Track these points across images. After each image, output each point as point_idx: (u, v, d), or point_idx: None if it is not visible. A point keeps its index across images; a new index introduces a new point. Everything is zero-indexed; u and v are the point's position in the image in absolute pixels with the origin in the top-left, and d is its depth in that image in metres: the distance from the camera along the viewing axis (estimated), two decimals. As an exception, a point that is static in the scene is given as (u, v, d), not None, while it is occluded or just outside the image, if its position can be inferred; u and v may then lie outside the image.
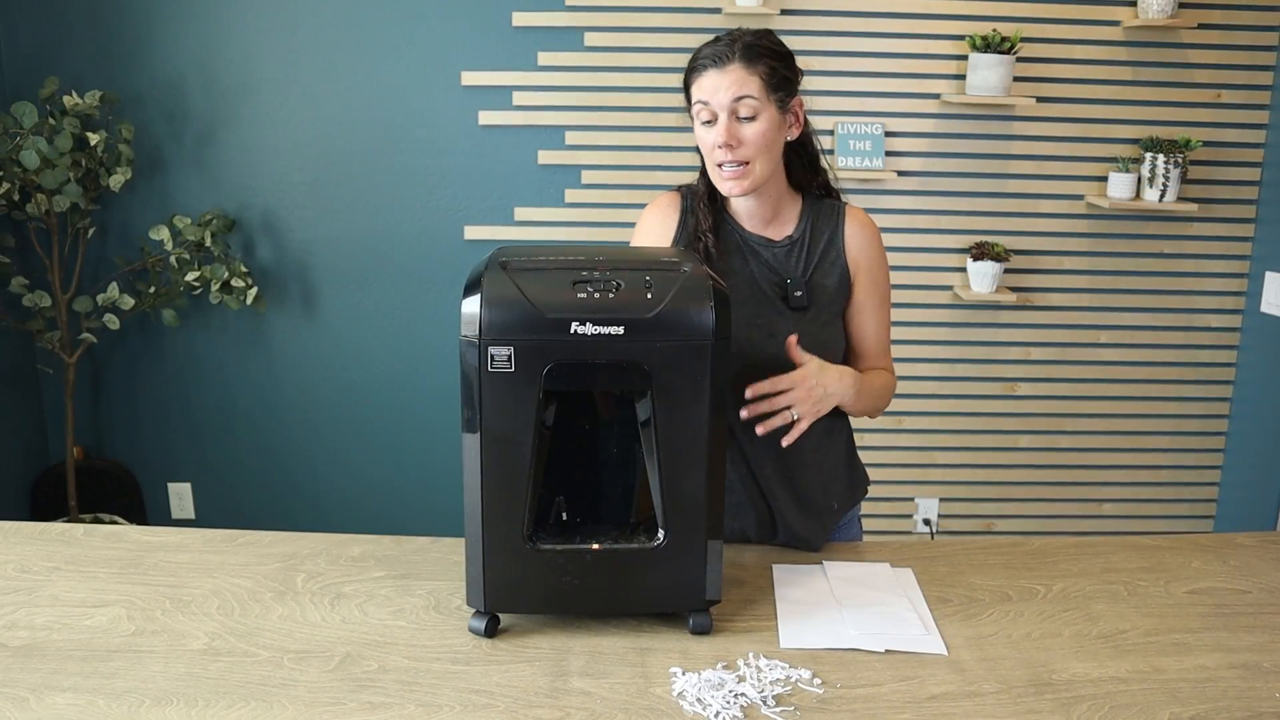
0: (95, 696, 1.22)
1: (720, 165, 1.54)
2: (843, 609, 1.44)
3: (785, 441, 1.50)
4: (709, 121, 1.54)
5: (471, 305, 1.26)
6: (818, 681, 1.27)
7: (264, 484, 3.47)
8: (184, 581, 1.51)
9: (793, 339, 1.50)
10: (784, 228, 1.65)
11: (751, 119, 1.51)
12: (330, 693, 1.24)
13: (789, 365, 1.52)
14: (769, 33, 1.57)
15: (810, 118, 1.64)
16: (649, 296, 1.27)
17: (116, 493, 3.40)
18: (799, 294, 1.57)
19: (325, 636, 1.37)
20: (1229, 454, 3.44)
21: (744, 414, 1.48)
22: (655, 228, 1.69)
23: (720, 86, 1.51)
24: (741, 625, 1.41)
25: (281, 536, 1.66)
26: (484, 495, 1.31)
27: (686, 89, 1.58)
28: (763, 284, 1.62)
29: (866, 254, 1.65)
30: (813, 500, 1.66)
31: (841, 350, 1.68)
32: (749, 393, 1.48)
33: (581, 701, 1.23)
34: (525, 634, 1.38)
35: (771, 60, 1.53)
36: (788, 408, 1.49)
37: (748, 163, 1.53)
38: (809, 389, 1.49)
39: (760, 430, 1.48)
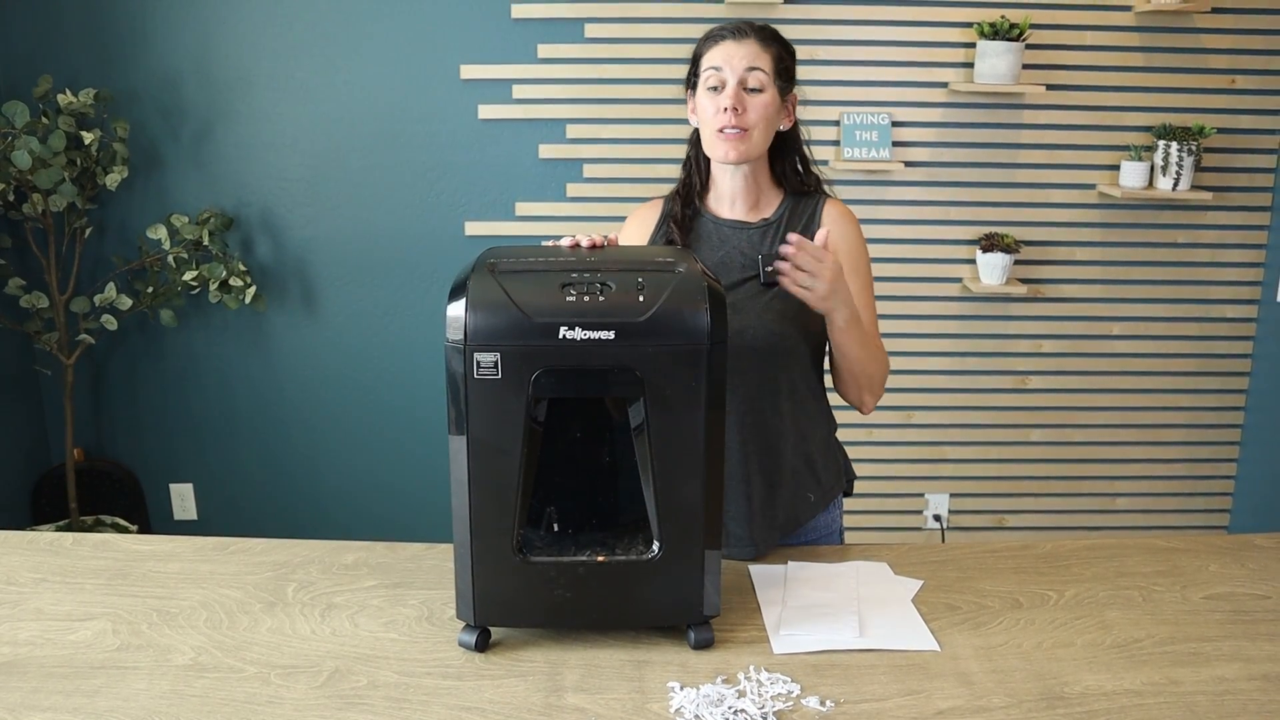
0: (75, 716, 1.19)
1: (721, 130, 1.58)
2: (839, 612, 1.41)
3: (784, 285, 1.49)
4: (716, 88, 1.58)
5: (457, 309, 1.22)
6: (820, 696, 1.23)
7: (266, 483, 3.44)
8: (173, 592, 1.48)
9: (824, 231, 1.51)
10: (763, 213, 1.68)
11: (758, 91, 1.58)
12: (316, 710, 1.21)
13: (756, 339, 1.56)
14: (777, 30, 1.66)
15: (815, 107, 1.65)
16: (641, 299, 1.22)
17: (118, 494, 3.38)
18: (769, 269, 1.54)
19: (314, 650, 1.34)
20: (1244, 446, 3.38)
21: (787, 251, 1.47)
22: (632, 237, 1.76)
23: (736, 55, 1.58)
24: (744, 636, 1.36)
25: (274, 544, 1.63)
26: (471, 505, 1.26)
27: (696, 60, 1.64)
28: (733, 265, 1.63)
29: (845, 241, 1.66)
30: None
31: (817, 331, 1.65)
32: (790, 245, 1.46)
33: (576, 718, 1.20)
34: (519, 646, 1.34)
35: (781, 49, 1.62)
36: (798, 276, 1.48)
37: (748, 130, 1.58)
38: (832, 269, 1.49)
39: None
